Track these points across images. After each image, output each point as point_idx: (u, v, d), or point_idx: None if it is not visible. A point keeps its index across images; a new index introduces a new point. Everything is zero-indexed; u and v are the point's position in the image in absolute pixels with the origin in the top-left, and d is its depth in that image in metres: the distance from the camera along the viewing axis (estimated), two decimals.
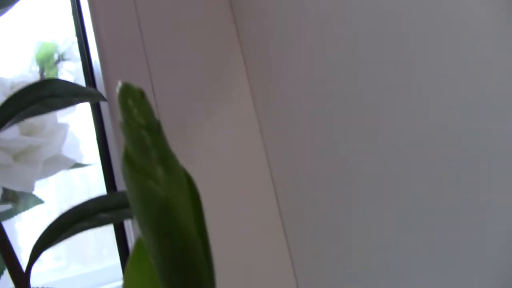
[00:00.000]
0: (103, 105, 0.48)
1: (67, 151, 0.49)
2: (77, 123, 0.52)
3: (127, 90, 0.20)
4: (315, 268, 0.49)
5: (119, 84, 0.20)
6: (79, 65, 0.51)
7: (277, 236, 0.50)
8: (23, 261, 0.34)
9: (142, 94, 0.20)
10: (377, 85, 0.39)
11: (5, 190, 0.44)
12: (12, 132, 0.42)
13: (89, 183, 1.16)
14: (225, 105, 0.50)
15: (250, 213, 0.50)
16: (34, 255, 0.29)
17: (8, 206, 0.45)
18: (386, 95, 0.39)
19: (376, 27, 0.38)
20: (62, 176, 1.15)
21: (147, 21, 0.49)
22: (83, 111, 0.54)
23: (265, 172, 0.51)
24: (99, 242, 1.13)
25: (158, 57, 0.48)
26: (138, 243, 0.21)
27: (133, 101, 0.20)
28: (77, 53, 0.51)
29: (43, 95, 0.31)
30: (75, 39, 0.51)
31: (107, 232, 1.18)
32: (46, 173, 0.46)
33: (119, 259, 0.67)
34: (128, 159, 0.19)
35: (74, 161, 0.48)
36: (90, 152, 0.55)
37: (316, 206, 0.47)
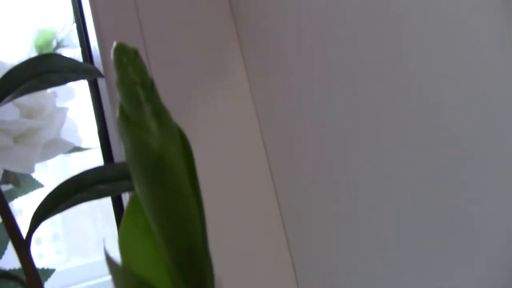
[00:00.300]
0: (102, 91, 0.48)
1: (66, 136, 0.49)
2: (76, 109, 0.53)
3: (121, 49, 0.21)
4: (315, 265, 0.49)
5: (114, 44, 0.21)
6: (77, 51, 0.52)
7: (276, 228, 0.51)
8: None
9: (136, 53, 0.21)
10: (378, 81, 0.40)
11: (5, 172, 0.45)
12: (12, 114, 0.42)
13: None
14: (223, 98, 0.51)
15: (248, 208, 0.50)
16: (34, 224, 0.30)
17: (8, 187, 0.45)
18: (387, 91, 0.39)
19: (376, 24, 0.39)
20: (62, 169, 1.16)
21: (145, 8, 0.50)
22: (82, 98, 0.55)
23: (264, 167, 0.51)
24: (99, 236, 1.14)
25: (156, 43, 0.49)
26: (133, 198, 0.22)
27: (127, 59, 0.21)
28: (75, 40, 0.52)
29: (41, 71, 0.32)
30: (74, 26, 0.52)
31: (107, 226, 1.19)
32: (45, 156, 0.47)
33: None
34: (123, 114, 0.20)
35: (73, 145, 0.48)
36: (89, 138, 0.56)
37: (315, 200, 0.48)
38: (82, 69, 0.33)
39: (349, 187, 0.44)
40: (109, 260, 0.19)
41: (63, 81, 0.33)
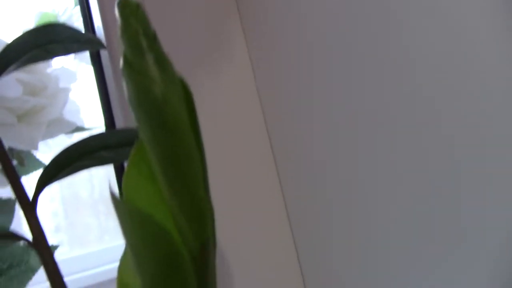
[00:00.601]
0: (105, 65, 0.49)
1: (69, 117, 0.50)
2: (78, 93, 0.53)
3: (125, 2, 0.22)
4: (320, 254, 0.50)
5: None
6: None
7: (279, 212, 0.51)
8: None
9: (138, 5, 0.22)
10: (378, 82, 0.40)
11: (9, 149, 0.46)
12: (15, 90, 0.43)
13: (91, 171, 1.18)
14: (224, 74, 0.51)
15: (250, 185, 0.51)
16: (39, 188, 0.30)
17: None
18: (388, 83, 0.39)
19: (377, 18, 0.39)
20: None
21: None
22: (83, 82, 0.55)
23: (264, 142, 0.52)
24: (101, 228, 1.14)
25: (159, 21, 0.49)
26: (137, 147, 0.22)
27: (131, 11, 0.21)
28: (77, 23, 0.53)
29: (44, 41, 0.33)
30: (76, 9, 0.53)
31: (109, 218, 1.19)
32: (49, 135, 0.48)
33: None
34: (126, 62, 0.21)
35: (76, 125, 0.49)
36: (90, 121, 0.56)
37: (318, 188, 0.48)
38: (85, 40, 0.33)
39: (355, 180, 0.44)
40: (114, 198, 0.19)
41: (66, 51, 0.33)
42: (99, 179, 1.17)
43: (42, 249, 0.28)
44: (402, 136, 0.39)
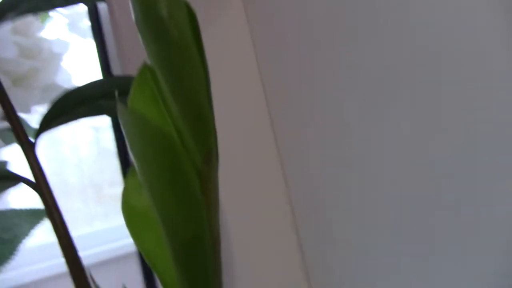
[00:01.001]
0: (106, 27, 0.49)
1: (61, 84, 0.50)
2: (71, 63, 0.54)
3: None
4: (323, 245, 0.49)
5: None
6: None
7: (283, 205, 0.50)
8: None
9: None
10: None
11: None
12: (11, 52, 0.43)
13: (80, 156, 1.18)
14: (221, 30, 0.51)
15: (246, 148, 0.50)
16: (40, 130, 0.31)
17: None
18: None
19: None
20: (53, 149, 1.16)
21: None
22: (77, 52, 0.56)
23: (260, 98, 0.51)
24: (90, 213, 1.14)
25: None
26: (141, 71, 0.23)
27: None
28: None
29: None
30: None
31: (98, 205, 1.19)
32: (42, 100, 0.48)
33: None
34: None
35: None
36: None
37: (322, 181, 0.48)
38: None
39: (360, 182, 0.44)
40: (121, 109, 0.20)
41: (66, 2, 0.34)
42: (88, 165, 1.17)
43: (43, 188, 0.29)
44: (404, 134, 0.39)
